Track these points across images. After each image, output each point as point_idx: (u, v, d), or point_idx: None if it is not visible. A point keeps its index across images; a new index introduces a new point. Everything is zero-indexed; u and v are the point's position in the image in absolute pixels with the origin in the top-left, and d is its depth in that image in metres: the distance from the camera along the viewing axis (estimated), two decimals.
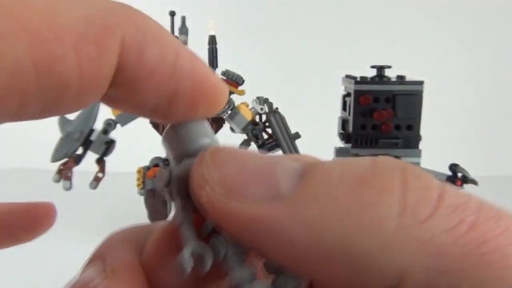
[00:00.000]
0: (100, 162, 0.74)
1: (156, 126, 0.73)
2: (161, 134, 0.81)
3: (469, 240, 0.11)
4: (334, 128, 0.78)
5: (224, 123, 0.75)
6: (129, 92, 0.14)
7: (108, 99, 0.14)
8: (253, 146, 0.73)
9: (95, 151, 0.74)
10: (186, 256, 0.13)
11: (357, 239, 0.11)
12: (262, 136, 0.72)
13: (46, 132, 0.80)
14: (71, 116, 0.73)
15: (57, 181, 0.74)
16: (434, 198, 0.12)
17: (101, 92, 0.13)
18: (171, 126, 0.15)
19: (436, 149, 0.95)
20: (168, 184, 0.14)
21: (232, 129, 0.74)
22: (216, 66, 0.74)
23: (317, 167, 0.13)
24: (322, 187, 0.12)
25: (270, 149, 0.72)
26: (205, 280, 0.15)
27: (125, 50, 0.13)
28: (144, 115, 0.15)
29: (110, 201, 1.02)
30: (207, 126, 0.15)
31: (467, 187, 0.63)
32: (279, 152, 0.72)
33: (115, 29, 0.13)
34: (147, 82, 0.13)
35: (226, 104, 0.72)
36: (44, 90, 0.12)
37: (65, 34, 0.12)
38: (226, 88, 0.15)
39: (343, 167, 0.13)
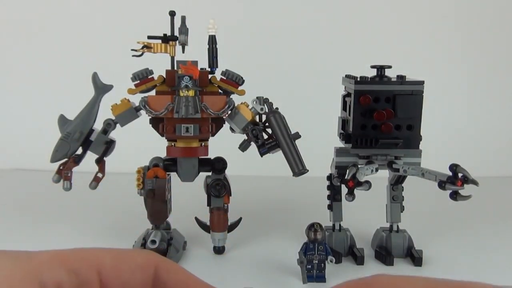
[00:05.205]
0: (100, 162, 0.74)
1: (156, 126, 0.73)
2: (161, 134, 0.80)
3: None
4: (334, 128, 0.77)
5: (224, 123, 0.75)
6: None
7: None
8: (253, 146, 0.73)
9: (95, 151, 0.74)
10: None
11: None
12: (262, 136, 0.72)
13: (46, 132, 0.80)
14: (71, 116, 0.73)
15: (57, 181, 0.74)
16: None
17: None
18: None
19: (436, 149, 0.95)
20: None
21: (232, 129, 0.74)
22: (216, 66, 0.74)
23: None
24: None
25: (270, 149, 0.72)
26: None
27: None
28: None
29: (110, 201, 1.02)
30: None
31: (468, 187, 0.63)
32: (279, 152, 0.72)
33: None
34: None
35: (226, 104, 0.72)
36: None
37: None
38: None
39: None
